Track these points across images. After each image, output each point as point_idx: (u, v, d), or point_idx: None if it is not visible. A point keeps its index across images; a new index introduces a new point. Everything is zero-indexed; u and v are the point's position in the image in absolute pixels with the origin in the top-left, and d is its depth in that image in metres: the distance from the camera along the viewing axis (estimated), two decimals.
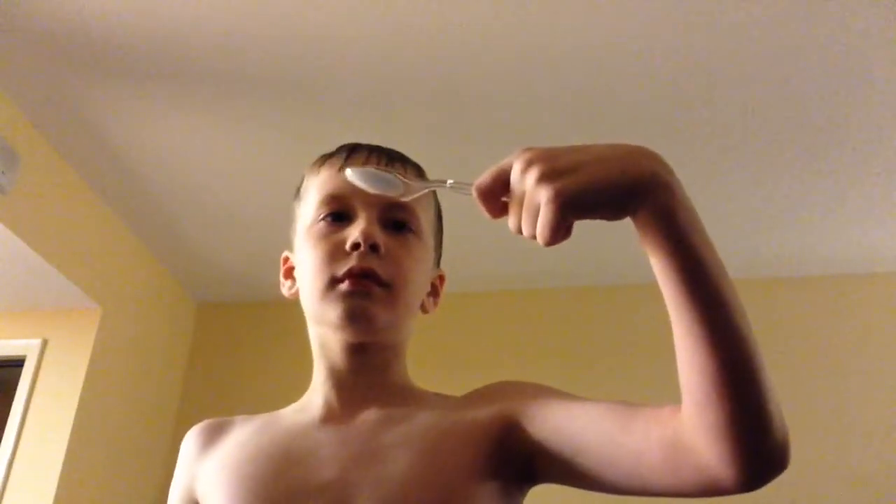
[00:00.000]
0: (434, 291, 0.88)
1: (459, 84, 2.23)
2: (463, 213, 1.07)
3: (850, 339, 2.98)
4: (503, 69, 2.18)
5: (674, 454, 0.60)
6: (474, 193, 0.58)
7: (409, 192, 0.67)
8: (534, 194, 0.54)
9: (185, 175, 2.68)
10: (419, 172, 0.86)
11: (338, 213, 0.81)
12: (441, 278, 0.90)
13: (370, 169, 0.71)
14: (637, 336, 3.03)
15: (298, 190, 0.89)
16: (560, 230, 0.53)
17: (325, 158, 0.87)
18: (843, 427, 2.83)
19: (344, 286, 0.76)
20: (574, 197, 0.53)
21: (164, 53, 2.15)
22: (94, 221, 2.78)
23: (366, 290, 0.76)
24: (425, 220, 0.84)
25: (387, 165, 0.82)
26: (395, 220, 0.81)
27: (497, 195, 0.57)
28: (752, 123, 2.34)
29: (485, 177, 0.57)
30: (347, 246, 0.77)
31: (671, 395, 0.65)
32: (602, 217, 0.55)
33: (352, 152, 0.85)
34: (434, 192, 0.88)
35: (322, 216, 0.81)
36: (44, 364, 2.72)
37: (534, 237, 0.54)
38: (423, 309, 0.86)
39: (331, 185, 0.82)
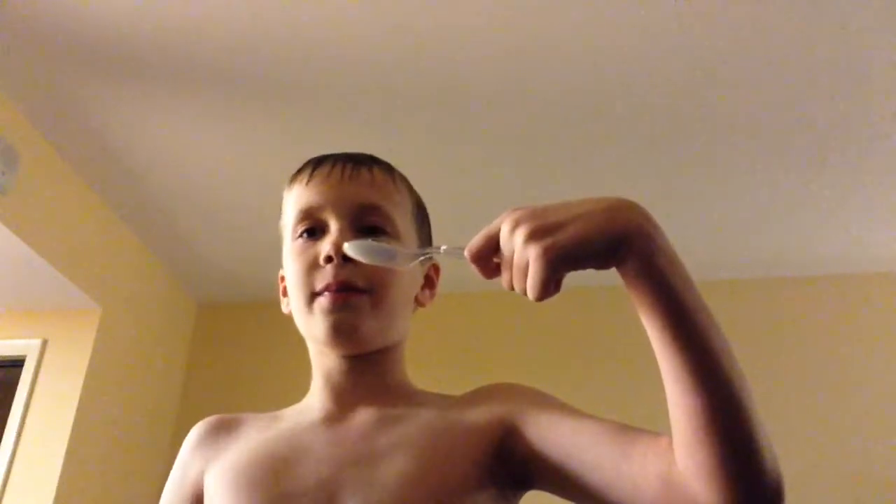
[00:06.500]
0: (429, 283, 0.88)
1: (458, 85, 2.23)
2: (464, 212, 1.07)
3: (851, 339, 2.98)
4: (503, 70, 2.17)
5: (669, 489, 0.61)
6: (467, 256, 0.60)
7: (406, 260, 0.74)
8: (522, 253, 0.56)
9: (185, 175, 2.68)
10: (388, 170, 0.86)
11: (311, 228, 0.81)
12: (436, 269, 0.89)
13: (367, 242, 0.74)
14: (637, 336, 3.03)
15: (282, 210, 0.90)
16: (549, 285, 0.55)
17: (294, 176, 0.87)
18: (843, 427, 2.83)
19: (324, 300, 0.77)
20: (561, 253, 0.55)
21: (165, 54, 2.15)
22: (94, 221, 2.78)
23: (346, 301, 0.77)
24: (400, 218, 0.83)
25: (353, 171, 0.83)
26: (368, 226, 0.81)
27: (489, 257, 0.60)
28: (753, 124, 2.34)
29: (476, 240, 0.60)
30: (321, 259, 0.78)
31: None
32: (590, 268, 0.57)
33: (318, 165, 0.85)
34: (408, 184, 0.88)
35: (298, 233, 0.82)
36: (44, 364, 2.72)
37: (525, 293, 0.57)
38: (419, 302, 0.87)
39: (301, 202, 0.83)
